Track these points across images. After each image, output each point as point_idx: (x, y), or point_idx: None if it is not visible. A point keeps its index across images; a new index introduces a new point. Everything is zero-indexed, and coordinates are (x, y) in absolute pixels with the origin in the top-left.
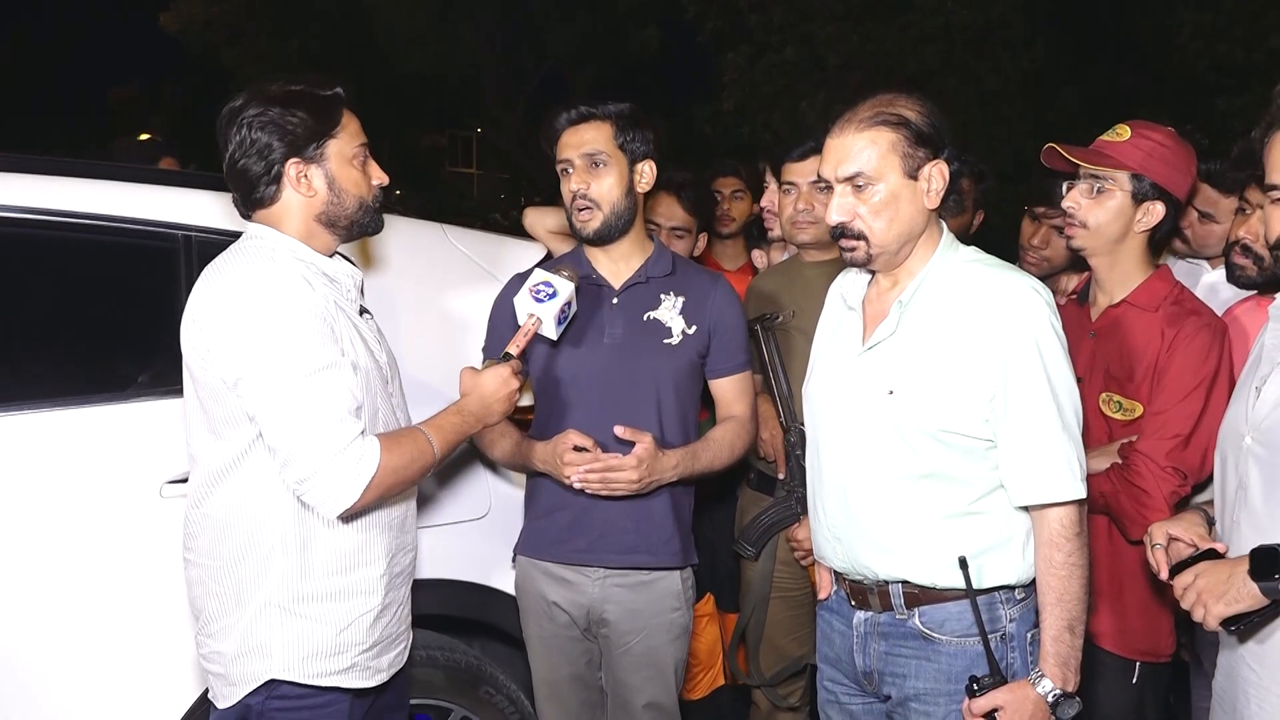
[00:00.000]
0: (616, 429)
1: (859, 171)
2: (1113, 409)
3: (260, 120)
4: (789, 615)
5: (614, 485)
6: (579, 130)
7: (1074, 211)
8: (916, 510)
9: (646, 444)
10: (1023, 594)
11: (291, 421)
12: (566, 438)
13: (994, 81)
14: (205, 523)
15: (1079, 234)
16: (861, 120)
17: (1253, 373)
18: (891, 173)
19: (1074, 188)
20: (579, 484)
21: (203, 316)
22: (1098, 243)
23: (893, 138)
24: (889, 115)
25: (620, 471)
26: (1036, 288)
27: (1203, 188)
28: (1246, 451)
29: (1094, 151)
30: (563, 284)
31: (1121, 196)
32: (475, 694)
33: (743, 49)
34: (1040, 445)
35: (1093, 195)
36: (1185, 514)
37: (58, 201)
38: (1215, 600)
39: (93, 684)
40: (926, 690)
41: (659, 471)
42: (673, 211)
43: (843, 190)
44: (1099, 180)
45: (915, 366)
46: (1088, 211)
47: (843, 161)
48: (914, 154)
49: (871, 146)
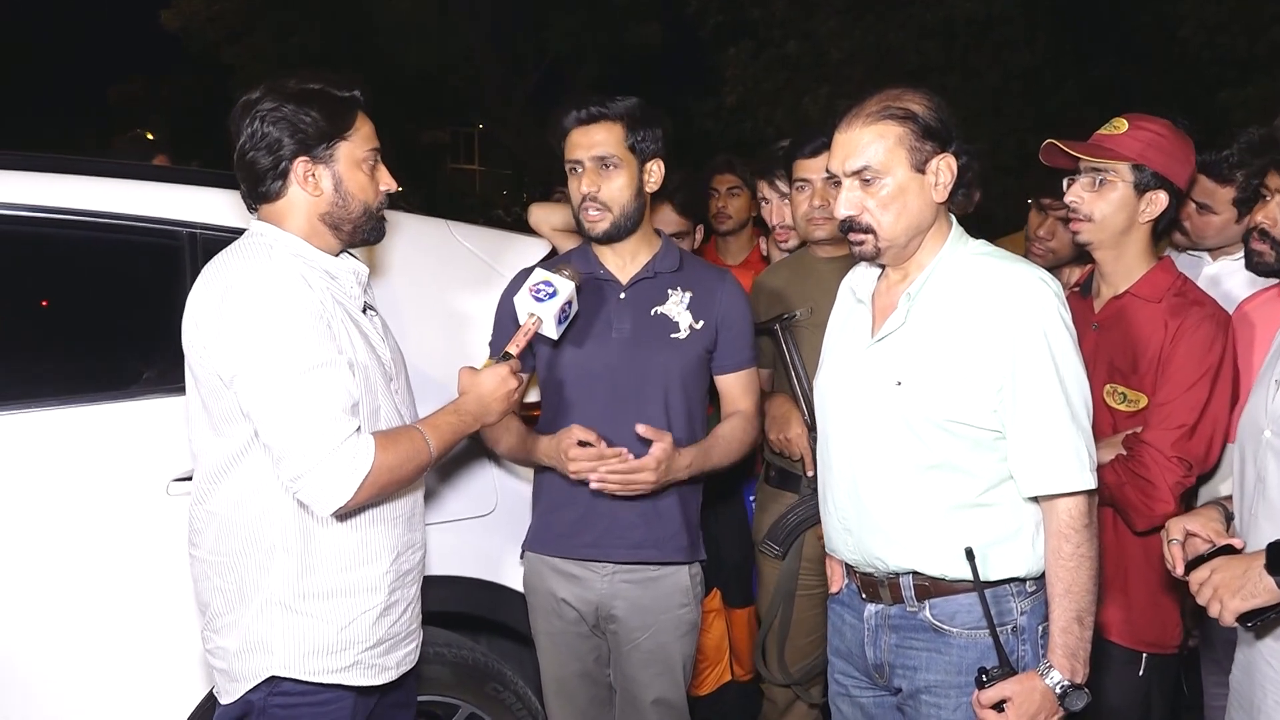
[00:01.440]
0: (639, 428)
1: (866, 165)
2: (1117, 400)
3: (274, 115)
4: (813, 614)
5: (633, 487)
6: (589, 130)
7: (1078, 206)
8: (925, 501)
9: (666, 444)
10: (1034, 586)
11: (285, 418)
12: (570, 433)
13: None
14: (209, 519)
15: (1085, 228)
16: (869, 114)
17: (1273, 365)
18: (899, 166)
19: (1075, 182)
20: (597, 485)
21: (200, 314)
22: (1103, 235)
23: (900, 131)
24: (896, 109)
25: (640, 473)
26: (1045, 279)
27: (1200, 179)
28: (1266, 445)
29: (1093, 145)
30: (563, 283)
31: (1124, 188)
32: (483, 690)
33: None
34: (1048, 435)
35: (1095, 188)
36: (1203, 509)
37: (63, 199)
38: (1231, 595)
39: (101, 680)
40: (937, 683)
41: (674, 471)
42: (667, 217)
43: (850, 184)
44: (1100, 173)
45: (923, 358)
46: (1091, 205)
47: (850, 156)
48: (921, 147)
49: (879, 140)
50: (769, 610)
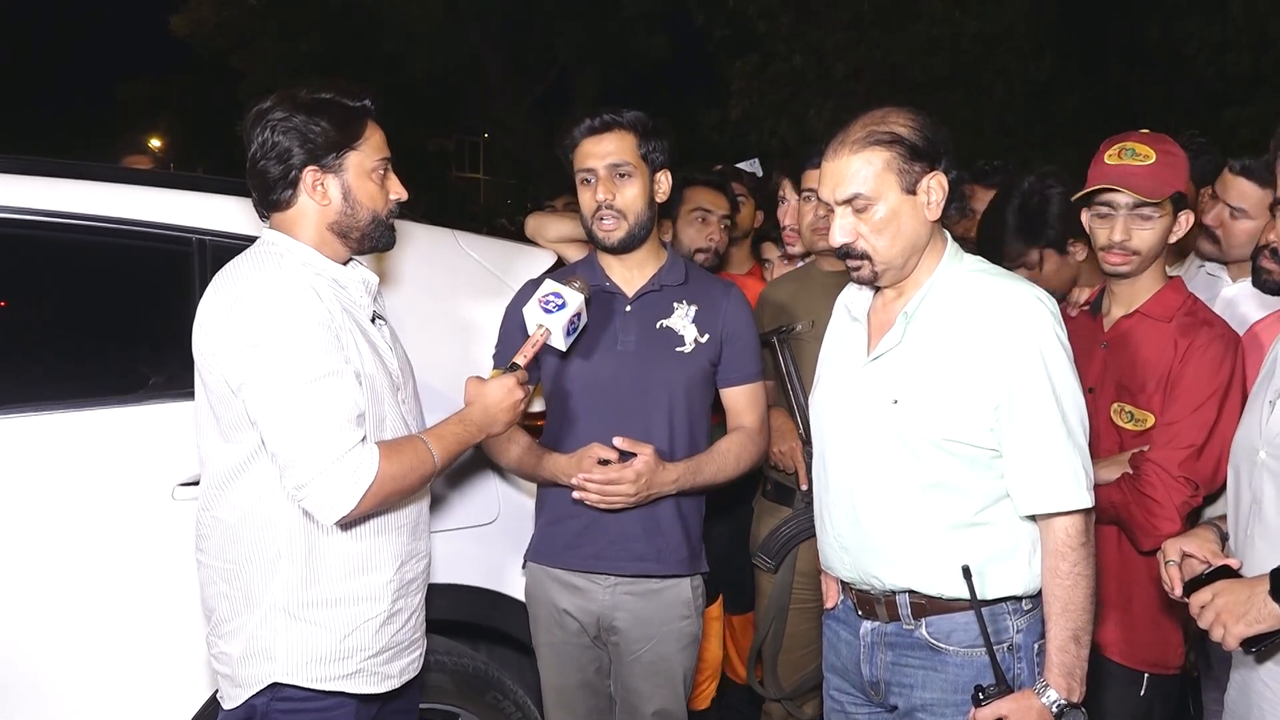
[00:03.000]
0: (616, 440)
1: (857, 193)
2: (1124, 419)
3: (284, 125)
4: (807, 628)
5: (611, 498)
6: (602, 140)
7: (1126, 243)
8: (922, 520)
9: (647, 457)
10: (1030, 604)
11: (290, 427)
12: (591, 450)
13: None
14: (215, 526)
15: (1132, 261)
16: (854, 142)
17: (1266, 385)
18: (889, 191)
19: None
20: (578, 495)
21: (209, 321)
22: (1146, 265)
23: (887, 156)
24: (881, 134)
25: (619, 485)
26: (1041, 297)
27: (1237, 181)
28: (1261, 466)
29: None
30: (572, 295)
31: (1167, 219)
32: (483, 699)
33: (751, 57)
34: (1045, 454)
35: (1142, 223)
36: (1198, 530)
37: (73, 204)
38: (1235, 621)
39: (105, 683)
40: (933, 701)
41: (658, 485)
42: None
43: (843, 212)
44: (1147, 207)
45: (920, 376)
46: (1139, 239)
47: (839, 184)
48: (910, 169)
49: (867, 167)
50: (762, 623)
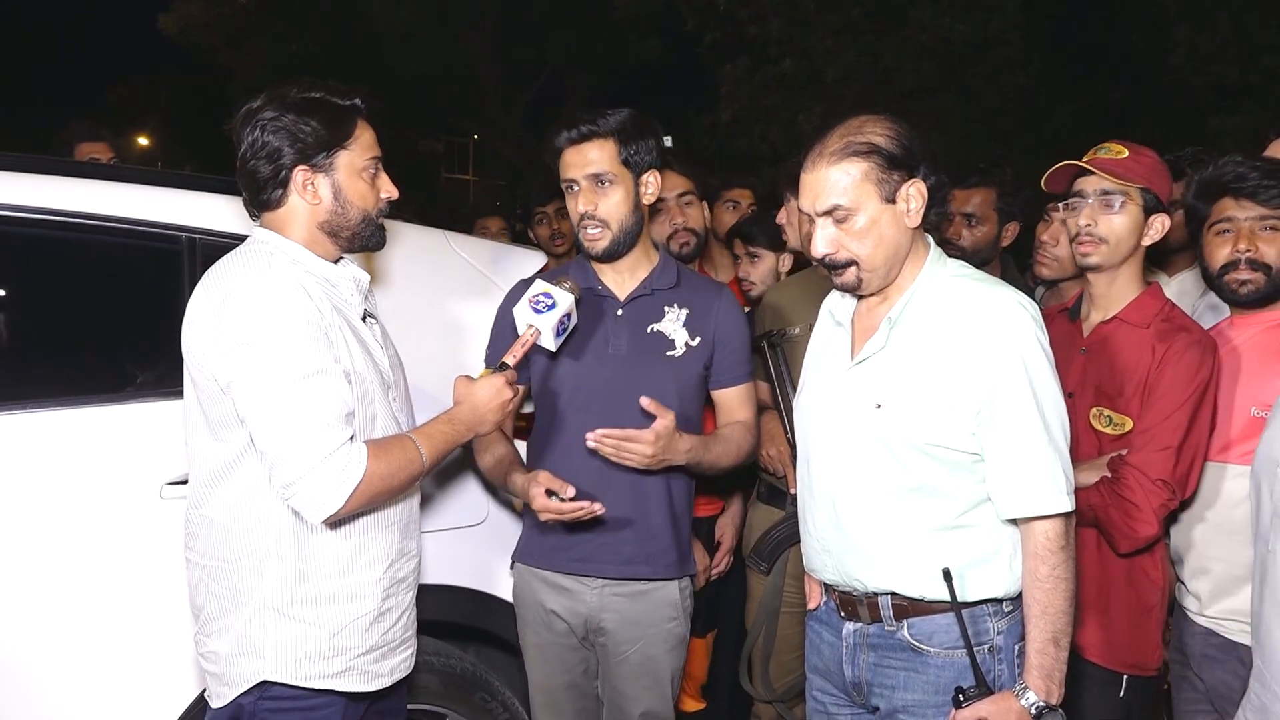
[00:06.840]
0: (642, 400)
1: (836, 204)
2: (1103, 424)
3: (274, 125)
4: (797, 630)
5: (627, 456)
6: (582, 149)
7: (1091, 229)
8: (904, 523)
9: (668, 421)
10: (1010, 607)
11: (278, 426)
12: (538, 478)
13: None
14: (205, 524)
15: (1099, 250)
16: (832, 153)
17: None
18: (869, 200)
19: (1082, 207)
20: (593, 444)
21: (199, 320)
22: (1115, 258)
23: (864, 166)
24: (858, 144)
25: (636, 444)
26: (1023, 302)
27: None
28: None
29: (1109, 166)
30: (563, 295)
31: (1135, 210)
32: (470, 700)
33: (741, 61)
34: (1026, 458)
35: (1107, 210)
36: None
37: (63, 202)
38: None
39: (92, 682)
40: (915, 702)
41: (673, 452)
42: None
43: (824, 223)
44: (1112, 195)
45: (902, 381)
46: (1105, 227)
47: (819, 196)
48: (888, 178)
49: (845, 178)
50: (753, 626)
